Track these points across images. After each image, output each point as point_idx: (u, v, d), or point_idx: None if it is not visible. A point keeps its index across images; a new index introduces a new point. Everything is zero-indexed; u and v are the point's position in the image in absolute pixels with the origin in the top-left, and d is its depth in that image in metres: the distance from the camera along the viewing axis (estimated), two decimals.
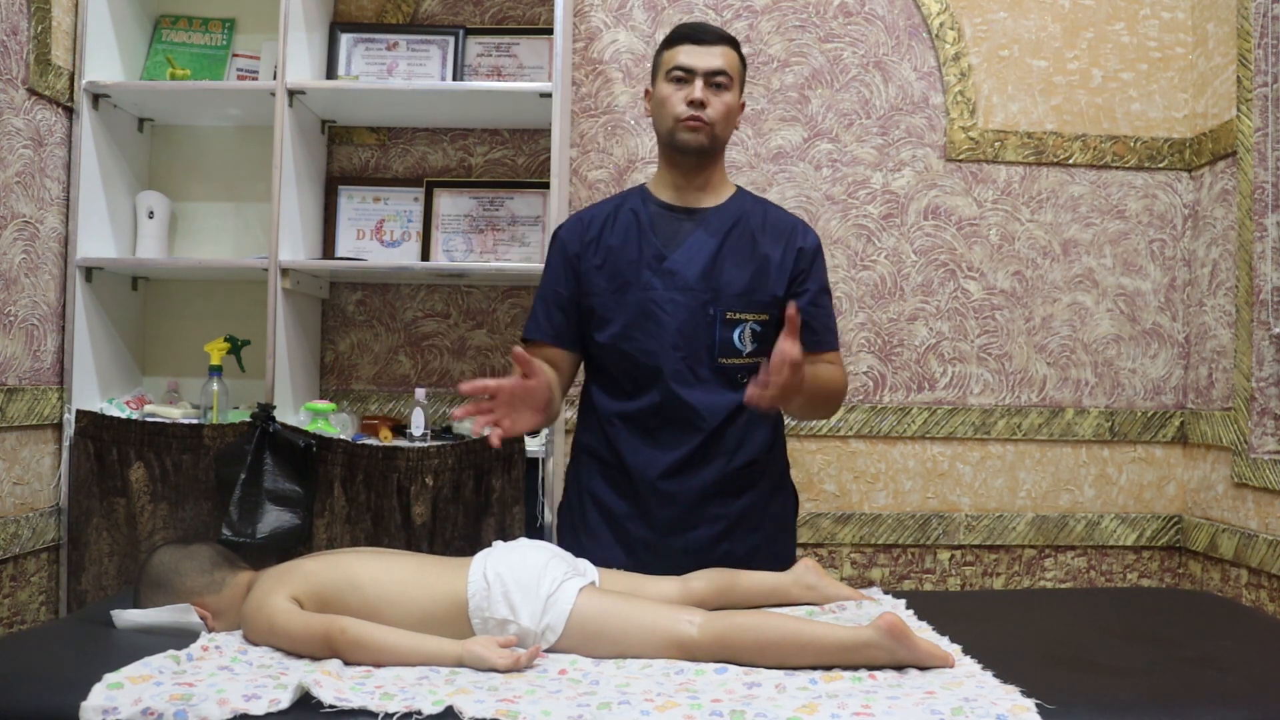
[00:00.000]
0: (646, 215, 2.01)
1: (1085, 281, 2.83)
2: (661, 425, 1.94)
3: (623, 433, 1.97)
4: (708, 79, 1.93)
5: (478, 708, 1.30)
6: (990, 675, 1.43)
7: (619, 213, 2.03)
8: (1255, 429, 2.47)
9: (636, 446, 1.95)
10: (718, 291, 1.94)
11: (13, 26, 2.24)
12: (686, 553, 1.92)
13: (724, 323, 1.94)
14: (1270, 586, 2.41)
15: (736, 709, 1.30)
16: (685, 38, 1.96)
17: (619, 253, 1.98)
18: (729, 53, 1.96)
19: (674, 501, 1.94)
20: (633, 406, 1.96)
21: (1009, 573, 2.81)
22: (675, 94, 1.95)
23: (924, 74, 2.82)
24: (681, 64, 1.94)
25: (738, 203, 2.03)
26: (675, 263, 1.96)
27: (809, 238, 2.03)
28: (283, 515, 2.25)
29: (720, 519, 1.95)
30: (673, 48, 1.96)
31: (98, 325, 2.53)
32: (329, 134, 2.81)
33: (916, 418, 2.80)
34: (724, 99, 1.95)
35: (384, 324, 2.82)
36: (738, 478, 1.96)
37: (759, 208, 2.05)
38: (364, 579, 1.61)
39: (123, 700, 1.31)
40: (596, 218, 2.04)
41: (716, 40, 1.95)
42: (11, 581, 2.27)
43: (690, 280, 1.94)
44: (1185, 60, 2.84)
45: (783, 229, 2.02)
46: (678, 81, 1.95)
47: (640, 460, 1.95)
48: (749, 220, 2.01)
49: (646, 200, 2.03)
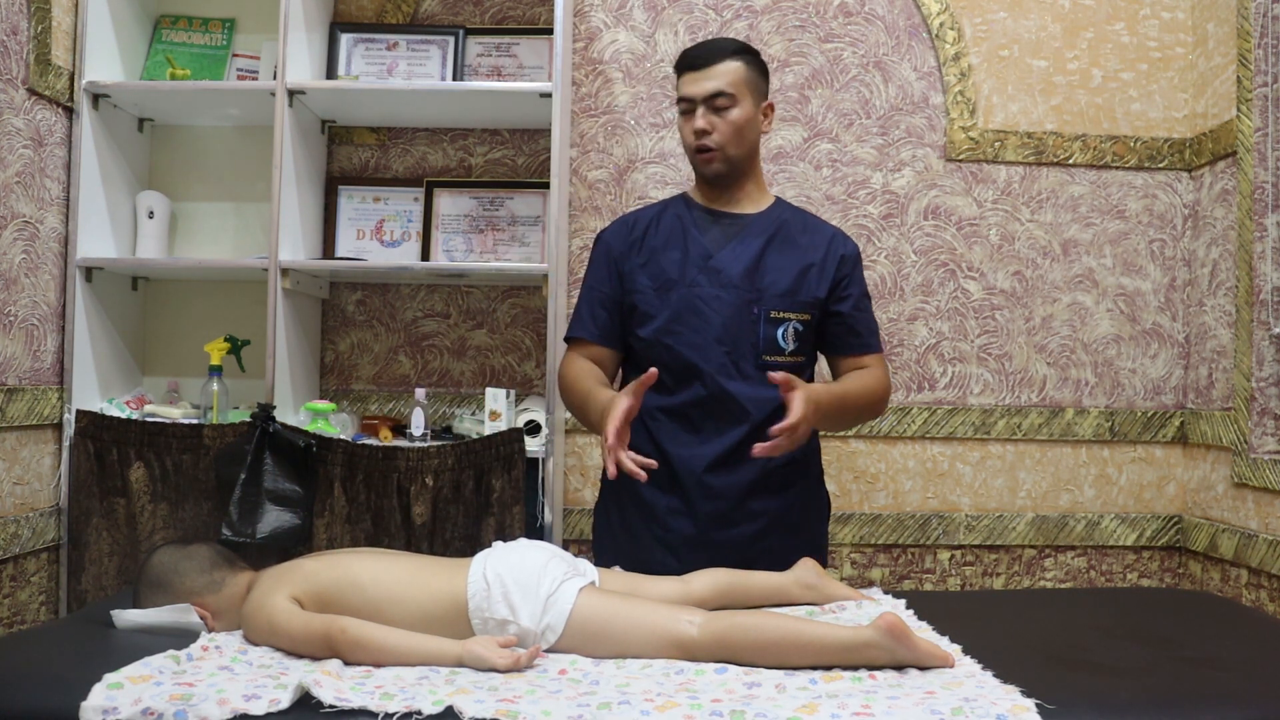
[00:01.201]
0: (691, 218, 2.06)
1: (1085, 281, 2.83)
2: (705, 417, 1.96)
3: (666, 426, 1.99)
4: (708, 104, 1.96)
5: (478, 708, 1.30)
6: (990, 675, 1.43)
7: (663, 216, 2.08)
8: (1255, 429, 2.47)
9: (680, 439, 1.97)
10: (762, 291, 1.98)
11: (13, 26, 2.24)
12: (728, 549, 1.94)
13: (768, 321, 1.98)
14: (1270, 586, 2.41)
15: (736, 709, 1.30)
16: (685, 65, 1.99)
17: (663, 252, 2.02)
18: (728, 68, 1.97)
19: (719, 496, 1.95)
20: (675, 400, 1.98)
21: (1009, 573, 2.81)
22: (685, 126, 2.00)
23: (924, 74, 2.82)
24: (684, 95, 1.99)
25: (778, 210, 2.09)
26: (720, 261, 2.00)
27: (849, 245, 2.09)
28: (283, 515, 2.25)
29: (761, 516, 1.97)
30: (679, 76, 2.01)
31: (98, 325, 2.53)
32: (329, 134, 2.81)
33: (916, 418, 2.80)
34: (729, 118, 1.97)
35: (384, 324, 2.82)
36: (779, 475, 1.99)
37: (799, 216, 2.10)
38: (364, 579, 1.61)
39: (123, 700, 1.31)
40: (640, 220, 2.09)
41: (713, 59, 1.97)
42: (11, 581, 2.27)
43: (735, 279, 1.98)
44: (1185, 60, 2.84)
45: (823, 235, 2.08)
46: (686, 114, 2.00)
47: (685, 453, 1.96)
48: (790, 226, 2.06)
49: (690, 206, 2.09)
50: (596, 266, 2.08)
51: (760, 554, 1.95)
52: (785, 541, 1.99)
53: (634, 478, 1.73)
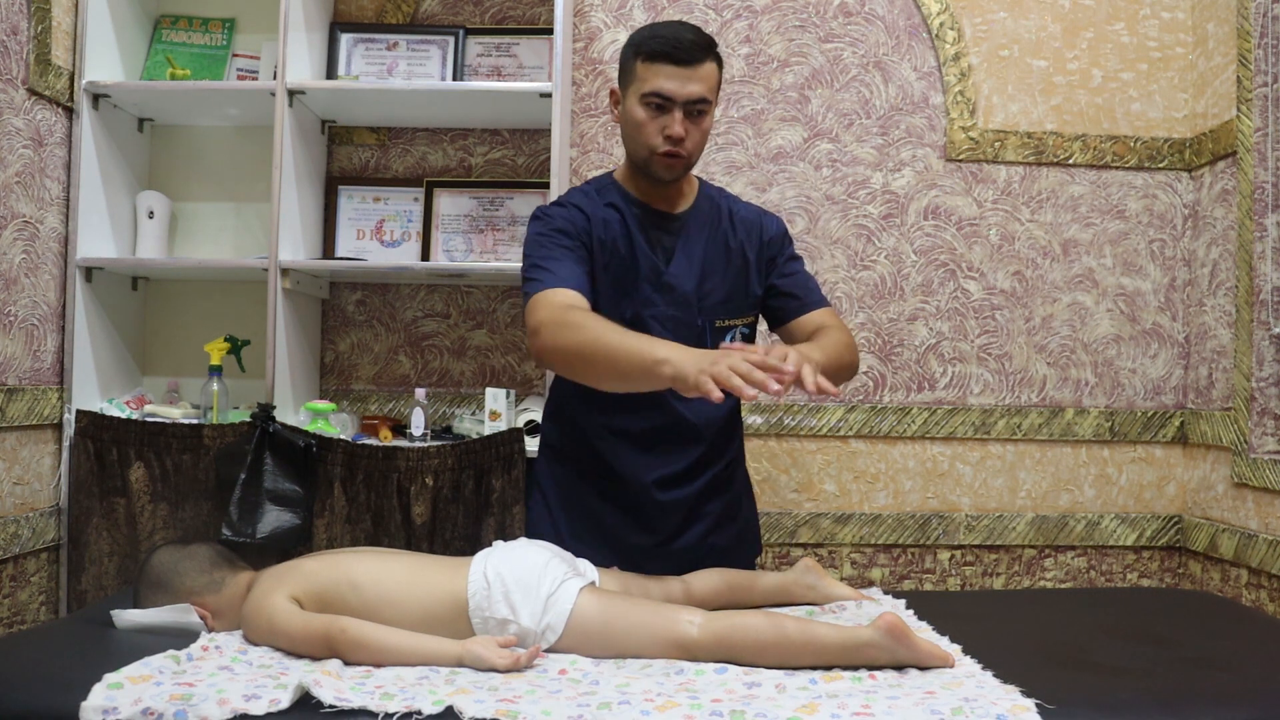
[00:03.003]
0: (633, 219, 1.90)
1: (1085, 281, 2.83)
2: (659, 440, 1.92)
3: (615, 446, 1.93)
4: (688, 109, 1.79)
5: (478, 708, 1.30)
6: (990, 675, 1.43)
7: (604, 210, 1.91)
8: (1255, 429, 2.47)
9: (632, 459, 1.92)
10: (704, 300, 1.92)
11: (13, 26, 2.24)
12: (683, 552, 1.95)
13: (714, 331, 1.92)
14: (1270, 586, 2.41)
15: (736, 709, 1.30)
16: (665, 56, 1.76)
17: (615, 256, 1.88)
18: (710, 71, 1.80)
19: (673, 510, 1.95)
20: (629, 424, 1.91)
21: (1009, 573, 2.81)
22: (651, 123, 1.80)
23: (924, 74, 2.82)
24: (661, 90, 1.77)
25: (705, 201, 1.97)
26: (672, 276, 1.90)
27: (774, 224, 2.01)
28: (283, 515, 2.26)
29: (709, 515, 1.98)
30: (651, 64, 1.78)
31: (98, 325, 2.53)
32: (329, 134, 2.81)
33: (916, 418, 2.80)
34: (703, 126, 1.83)
35: (384, 324, 2.82)
36: (723, 477, 2.01)
37: (724, 203, 2.00)
38: (364, 579, 1.61)
39: (123, 700, 1.31)
40: (584, 210, 1.89)
41: (699, 58, 1.78)
42: (11, 581, 2.27)
43: (687, 295, 1.90)
44: (1185, 60, 2.84)
45: (750, 225, 1.98)
46: (655, 109, 1.79)
47: (638, 471, 1.92)
48: (719, 220, 1.96)
49: (628, 202, 1.92)
50: (562, 235, 1.83)
51: (708, 551, 1.96)
52: (727, 532, 2.01)
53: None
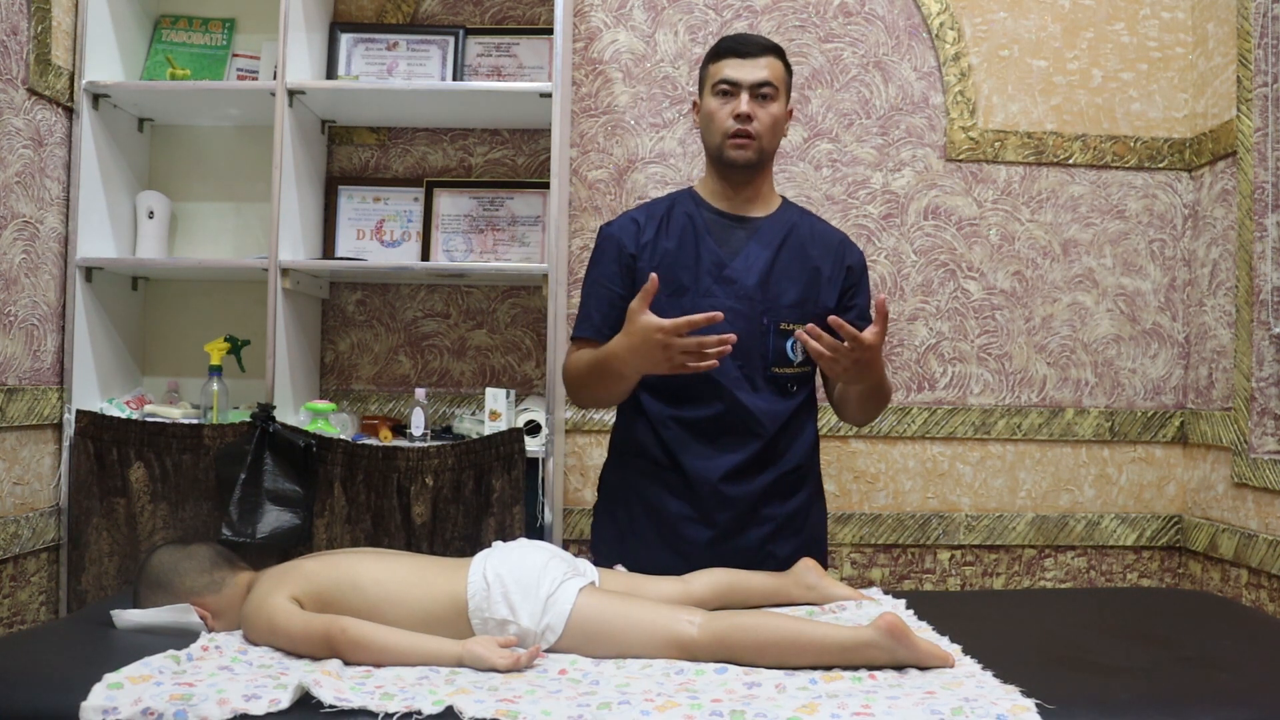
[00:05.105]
0: (701, 220, 2.01)
1: (1085, 281, 2.83)
2: (722, 431, 1.95)
3: (680, 436, 1.96)
4: (753, 91, 1.94)
5: (478, 708, 1.30)
6: (990, 675, 1.43)
7: (671, 215, 2.02)
8: (1255, 429, 2.47)
9: (695, 450, 1.95)
10: (773, 302, 1.96)
11: (13, 26, 2.24)
12: (738, 554, 1.94)
13: (778, 333, 1.96)
14: (1270, 586, 2.41)
15: (736, 709, 1.30)
16: (730, 51, 1.96)
17: (675, 256, 1.97)
18: (774, 63, 1.96)
19: (733, 504, 1.95)
20: (692, 413, 1.95)
21: (1009, 573, 2.81)
22: (722, 109, 1.95)
23: (924, 74, 2.82)
24: (727, 78, 1.94)
25: (786, 214, 2.06)
26: (735, 270, 1.96)
27: (855, 254, 2.08)
28: (283, 515, 2.25)
29: (769, 521, 1.98)
30: (718, 61, 1.97)
31: (98, 325, 2.53)
32: (329, 134, 2.81)
33: (916, 418, 2.80)
34: (770, 110, 1.95)
35: (384, 324, 2.82)
36: (787, 482, 2.00)
37: (806, 220, 2.07)
38: (364, 579, 1.61)
39: (123, 700, 1.31)
40: (650, 219, 2.02)
41: (761, 51, 1.95)
42: (11, 581, 2.27)
43: (749, 289, 1.95)
44: (1185, 60, 2.84)
45: (831, 243, 2.05)
46: (724, 95, 1.95)
47: (700, 464, 1.95)
48: (799, 232, 2.03)
49: (699, 205, 2.03)
50: (605, 263, 2.01)
51: (766, 557, 1.96)
52: (790, 543, 1.99)
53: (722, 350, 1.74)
